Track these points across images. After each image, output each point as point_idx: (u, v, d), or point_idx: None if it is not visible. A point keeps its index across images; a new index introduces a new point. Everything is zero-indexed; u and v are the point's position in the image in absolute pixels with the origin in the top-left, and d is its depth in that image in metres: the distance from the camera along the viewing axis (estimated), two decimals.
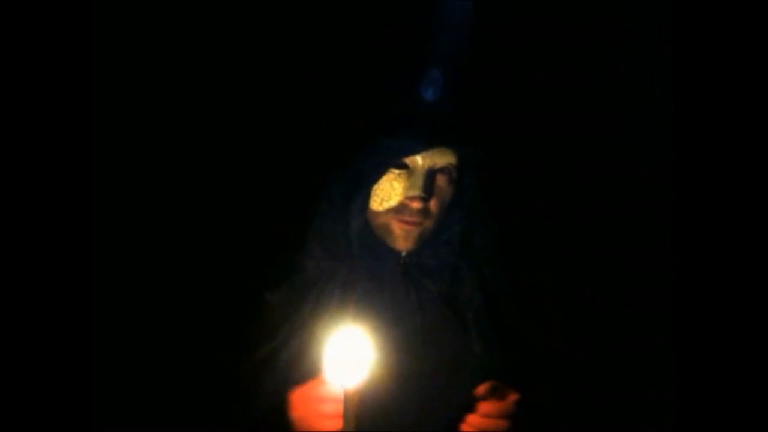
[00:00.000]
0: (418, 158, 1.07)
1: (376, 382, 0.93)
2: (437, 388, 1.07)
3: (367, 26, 1.24)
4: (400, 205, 1.08)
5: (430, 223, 1.11)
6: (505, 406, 1.04)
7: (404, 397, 1.05)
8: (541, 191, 1.39)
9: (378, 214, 1.10)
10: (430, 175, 1.08)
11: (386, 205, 1.08)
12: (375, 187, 1.09)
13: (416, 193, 1.06)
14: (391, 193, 1.08)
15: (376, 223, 1.11)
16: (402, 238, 1.10)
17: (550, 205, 1.39)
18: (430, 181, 1.08)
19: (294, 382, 1.05)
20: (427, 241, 1.12)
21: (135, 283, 1.30)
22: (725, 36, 0.94)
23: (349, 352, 0.92)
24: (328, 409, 0.98)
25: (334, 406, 0.97)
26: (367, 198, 1.09)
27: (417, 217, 1.08)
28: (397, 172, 1.08)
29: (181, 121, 1.36)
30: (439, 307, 1.12)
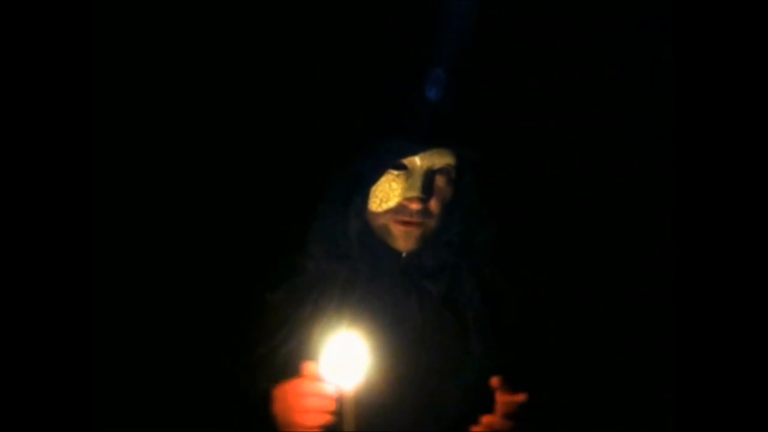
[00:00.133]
0: (417, 159, 1.07)
1: (376, 382, 0.93)
2: (437, 388, 1.07)
3: (367, 27, 1.24)
4: (399, 206, 1.08)
5: (431, 224, 1.10)
6: (512, 406, 1.04)
7: (404, 397, 1.06)
8: (541, 191, 1.39)
9: (377, 215, 1.10)
10: (429, 176, 1.08)
11: (385, 206, 1.08)
12: (374, 188, 1.09)
13: (414, 193, 1.06)
14: (390, 193, 1.08)
15: (376, 224, 1.11)
16: (401, 239, 1.10)
17: (550, 205, 1.39)
18: (429, 182, 1.08)
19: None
20: (427, 242, 1.12)
21: (135, 283, 1.30)
22: (725, 35, 0.94)
23: (346, 355, 0.92)
24: (310, 404, 0.98)
25: (316, 401, 0.97)
26: (366, 199, 1.09)
27: (416, 218, 1.08)
28: (396, 173, 1.08)
29: (182, 122, 1.36)
30: (439, 307, 1.12)
